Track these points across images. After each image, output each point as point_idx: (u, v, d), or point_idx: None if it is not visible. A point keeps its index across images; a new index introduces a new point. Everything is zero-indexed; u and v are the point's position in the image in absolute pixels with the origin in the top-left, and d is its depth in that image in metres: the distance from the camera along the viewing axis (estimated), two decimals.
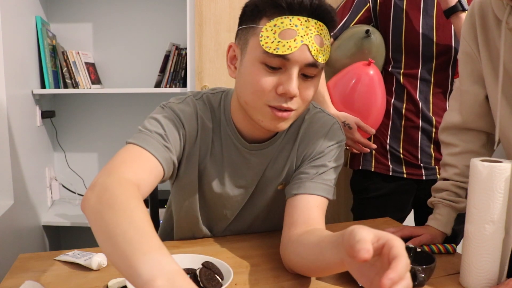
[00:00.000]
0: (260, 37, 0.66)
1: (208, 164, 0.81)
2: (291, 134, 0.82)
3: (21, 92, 1.50)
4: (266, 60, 0.67)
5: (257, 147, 0.80)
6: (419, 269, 0.67)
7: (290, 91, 0.66)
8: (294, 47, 0.65)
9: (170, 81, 1.73)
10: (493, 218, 0.67)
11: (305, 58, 0.66)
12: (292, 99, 0.68)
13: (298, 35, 0.65)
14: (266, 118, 0.71)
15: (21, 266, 0.77)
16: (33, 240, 1.57)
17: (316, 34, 0.66)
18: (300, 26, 0.65)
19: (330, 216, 1.60)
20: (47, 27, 1.74)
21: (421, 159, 1.20)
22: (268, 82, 0.67)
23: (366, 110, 1.15)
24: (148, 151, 0.68)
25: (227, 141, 0.80)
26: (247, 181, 0.83)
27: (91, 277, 0.73)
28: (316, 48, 0.67)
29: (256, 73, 0.68)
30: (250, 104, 0.71)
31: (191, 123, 0.77)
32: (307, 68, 0.67)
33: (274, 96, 0.68)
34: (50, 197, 1.80)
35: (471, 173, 0.69)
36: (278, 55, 0.65)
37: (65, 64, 1.69)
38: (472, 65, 0.84)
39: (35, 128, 1.65)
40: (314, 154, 0.80)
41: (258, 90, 0.68)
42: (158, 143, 0.70)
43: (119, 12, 1.82)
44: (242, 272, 0.75)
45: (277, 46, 0.65)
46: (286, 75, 0.67)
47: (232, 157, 0.81)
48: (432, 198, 0.92)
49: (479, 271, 0.68)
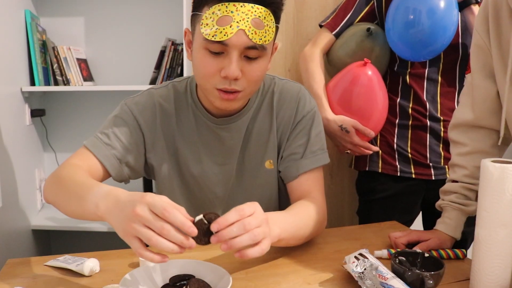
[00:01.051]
0: (201, 24, 0.72)
1: (180, 146, 0.87)
2: (266, 109, 0.88)
3: (9, 89, 1.47)
4: (207, 46, 0.72)
5: (225, 121, 0.86)
6: (427, 275, 0.65)
7: (230, 74, 0.72)
8: (231, 33, 0.70)
9: (166, 78, 1.70)
10: (505, 221, 0.65)
11: (243, 42, 0.71)
12: (236, 81, 0.74)
13: (234, 21, 0.69)
14: (216, 100, 0.78)
15: (10, 272, 0.76)
16: (22, 244, 1.55)
17: (253, 18, 0.70)
18: (236, 12, 0.69)
19: (335, 219, 1.59)
20: (36, 21, 1.70)
21: (430, 158, 1.18)
22: (212, 67, 0.73)
23: (366, 112, 1.14)
24: (89, 151, 0.82)
25: (198, 121, 0.87)
26: (225, 158, 0.88)
27: (83, 284, 0.71)
28: (254, 31, 0.71)
29: (201, 58, 0.74)
30: (202, 86, 0.79)
31: (146, 112, 0.85)
32: (248, 50, 0.72)
33: (219, 79, 0.74)
34: (40, 199, 1.77)
35: (482, 174, 0.67)
36: (216, 41, 0.71)
37: (55, 60, 1.66)
38: (484, 59, 0.82)
39: (24, 128, 1.62)
40: (293, 123, 0.88)
41: (205, 74, 0.75)
42: (100, 142, 0.82)
43: (112, 5, 1.79)
44: (241, 278, 0.73)
45: (215, 33, 0.70)
46: (227, 59, 0.72)
47: (205, 135, 0.87)
48: (440, 201, 0.90)
49: (490, 277, 0.66)
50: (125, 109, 0.86)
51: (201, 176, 0.89)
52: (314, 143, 0.88)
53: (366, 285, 0.66)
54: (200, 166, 0.88)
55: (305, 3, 1.47)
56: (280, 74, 1.50)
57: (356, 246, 0.88)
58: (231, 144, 0.87)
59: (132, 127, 0.84)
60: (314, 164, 0.88)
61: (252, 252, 0.60)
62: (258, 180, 0.90)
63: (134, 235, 0.56)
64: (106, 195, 0.62)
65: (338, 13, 1.21)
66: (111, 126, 0.84)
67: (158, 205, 0.55)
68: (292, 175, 0.88)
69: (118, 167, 0.84)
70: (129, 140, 0.84)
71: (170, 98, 0.87)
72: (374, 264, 0.67)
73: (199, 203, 0.91)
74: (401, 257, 0.73)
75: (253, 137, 0.88)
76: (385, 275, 0.65)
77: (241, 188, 0.90)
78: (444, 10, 1.04)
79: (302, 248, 0.86)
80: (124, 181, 0.88)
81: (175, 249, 0.55)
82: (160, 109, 0.86)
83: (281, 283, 0.72)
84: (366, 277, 0.67)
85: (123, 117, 0.85)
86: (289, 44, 1.49)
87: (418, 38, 1.06)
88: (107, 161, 0.82)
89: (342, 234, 0.96)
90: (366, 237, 0.94)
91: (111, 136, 0.83)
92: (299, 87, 0.91)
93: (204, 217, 0.60)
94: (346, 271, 0.73)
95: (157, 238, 0.55)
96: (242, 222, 0.59)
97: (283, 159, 0.89)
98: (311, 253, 0.84)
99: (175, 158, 0.88)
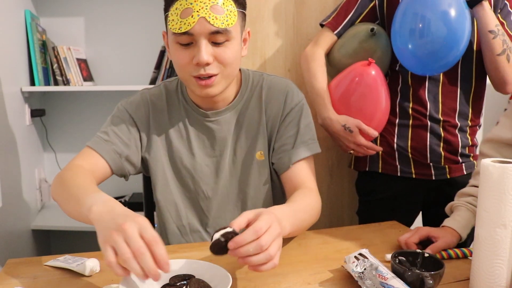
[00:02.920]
0: (168, 21, 0.79)
1: (173, 140, 0.92)
2: (255, 103, 0.93)
3: (9, 89, 1.47)
4: (177, 39, 0.79)
5: (214, 114, 0.91)
6: (427, 275, 0.65)
7: (200, 60, 0.77)
8: (193, 22, 0.76)
9: (166, 78, 1.71)
10: (504, 221, 0.65)
11: (206, 28, 0.76)
12: (209, 66, 0.79)
13: (194, 11, 0.75)
14: (196, 88, 0.83)
15: (10, 272, 0.76)
16: (22, 244, 1.55)
17: (212, 5, 0.76)
18: (195, 2, 0.75)
19: (335, 219, 1.59)
20: (36, 21, 1.70)
21: (430, 158, 1.18)
22: (184, 58, 0.80)
23: (369, 112, 1.13)
24: (91, 148, 0.88)
25: (189, 116, 0.92)
26: (216, 150, 0.93)
27: (83, 283, 0.71)
28: (214, 17, 0.76)
29: (174, 52, 0.81)
30: (182, 79, 0.85)
31: (139, 110, 0.92)
32: (213, 36, 0.78)
33: (193, 67, 0.80)
34: (39, 199, 1.77)
35: (482, 174, 0.67)
36: (182, 33, 0.77)
37: (55, 60, 1.67)
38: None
39: (24, 127, 1.62)
40: (282, 115, 0.93)
41: (180, 65, 0.81)
42: (100, 140, 0.89)
43: (112, 5, 1.79)
44: (241, 278, 0.73)
45: (180, 26, 0.76)
46: (196, 47, 0.78)
47: (196, 129, 0.93)
48: (454, 202, 0.89)
49: (490, 277, 0.66)
50: (121, 109, 0.92)
51: (194, 168, 0.93)
52: (304, 133, 0.92)
53: (366, 285, 0.66)
54: (192, 158, 0.93)
55: (305, 3, 1.47)
56: (280, 74, 1.49)
57: (356, 246, 0.88)
58: (222, 136, 0.92)
59: (129, 123, 0.91)
60: (306, 153, 0.91)
61: (265, 268, 0.62)
62: (251, 171, 0.93)
63: (111, 244, 0.57)
64: (103, 202, 0.65)
65: (340, 12, 1.21)
66: (109, 125, 0.91)
67: (149, 231, 0.57)
68: (285, 165, 0.91)
69: (118, 161, 0.89)
70: (127, 136, 0.90)
71: (162, 96, 0.94)
72: (374, 264, 0.67)
73: (193, 196, 0.95)
74: (401, 257, 0.73)
75: (244, 129, 0.93)
76: (385, 275, 0.65)
77: (234, 179, 0.94)
78: (456, 17, 0.99)
79: (302, 248, 0.86)
80: (124, 176, 0.93)
81: (140, 274, 0.56)
82: (153, 107, 0.93)
83: (281, 283, 0.72)
84: (366, 277, 0.67)
85: (120, 116, 0.91)
86: (289, 45, 1.48)
87: (427, 50, 1.01)
88: (107, 155, 0.87)
89: (342, 234, 0.96)
90: (366, 237, 0.94)
91: (110, 134, 0.89)
92: (286, 81, 0.96)
93: (222, 235, 0.62)
94: (346, 271, 0.73)
95: (130, 257, 0.55)
96: (258, 243, 0.60)
97: (275, 150, 0.93)
98: (311, 253, 0.84)
99: (169, 152, 0.93)
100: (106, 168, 0.88)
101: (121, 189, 1.83)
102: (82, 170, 0.81)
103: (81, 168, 0.82)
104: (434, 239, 0.83)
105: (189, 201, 0.95)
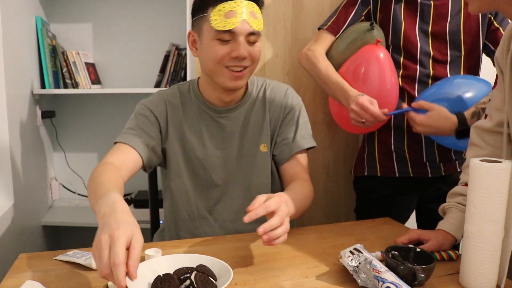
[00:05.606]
0: (210, 21, 0.89)
1: (186, 133, 1.01)
2: (260, 103, 1.04)
3: (21, 92, 1.50)
4: (219, 36, 0.90)
5: (226, 111, 1.02)
6: (418, 269, 0.67)
7: (241, 53, 0.90)
8: (237, 22, 0.88)
9: (170, 81, 1.73)
10: (493, 218, 0.67)
11: (247, 29, 0.90)
12: (244, 59, 0.92)
13: (237, 13, 0.88)
14: (226, 79, 0.94)
15: (21, 266, 0.78)
16: (33, 240, 1.57)
17: (250, 11, 0.90)
18: (237, 7, 0.88)
19: (331, 216, 1.60)
20: (47, 27, 1.74)
21: (426, 157, 1.20)
22: (223, 52, 0.91)
23: (378, 91, 1.13)
24: (122, 142, 0.94)
25: (201, 112, 1.02)
26: (225, 143, 1.02)
27: (91, 277, 0.73)
28: (252, 21, 0.90)
29: (213, 47, 0.91)
30: (213, 70, 0.94)
31: (159, 106, 1.01)
32: (249, 36, 0.91)
33: (229, 59, 0.91)
34: (50, 197, 1.80)
35: (471, 172, 0.69)
36: (227, 31, 0.89)
37: (65, 64, 1.69)
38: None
39: (35, 128, 1.65)
40: (283, 114, 1.04)
41: (217, 58, 0.91)
42: (129, 134, 0.96)
43: (119, 12, 1.82)
44: (242, 272, 0.75)
45: (224, 24, 0.88)
46: (236, 44, 0.90)
47: (208, 124, 1.02)
48: (445, 204, 0.88)
49: (478, 271, 0.68)
50: (142, 107, 1.01)
51: (205, 159, 1.02)
52: (302, 129, 1.05)
53: (360, 278, 0.68)
54: (204, 150, 1.02)
55: (303, 9, 1.49)
56: (279, 78, 1.51)
57: (351, 241, 0.90)
58: (231, 131, 1.02)
59: (151, 118, 1.00)
60: (304, 145, 1.03)
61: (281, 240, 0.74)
62: (255, 162, 1.03)
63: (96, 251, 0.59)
64: (108, 204, 0.66)
65: (339, 16, 1.22)
66: (134, 122, 0.99)
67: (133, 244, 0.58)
68: (286, 156, 1.03)
69: (147, 152, 0.97)
70: (151, 128, 0.99)
71: (176, 95, 1.03)
72: (368, 259, 0.69)
73: (202, 183, 1.03)
74: (394, 252, 0.75)
75: (250, 125, 1.03)
76: (379, 268, 0.67)
77: (240, 169, 1.03)
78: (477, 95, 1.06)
79: (299, 243, 0.89)
80: (150, 168, 1.01)
81: (101, 276, 0.57)
82: (169, 104, 1.02)
83: (280, 276, 0.74)
84: (360, 271, 0.69)
85: (142, 113, 1.00)
86: (287, 49, 1.50)
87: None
88: (138, 147, 0.95)
89: (338, 230, 0.98)
90: (361, 233, 0.96)
91: (136, 128, 0.97)
92: (286, 86, 1.09)
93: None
94: (342, 265, 0.75)
95: (105, 262, 0.56)
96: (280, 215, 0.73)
97: (277, 144, 1.04)
98: (309, 248, 0.86)
99: (182, 144, 1.02)
100: (138, 159, 0.94)
101: (127, 187, 1.83)
102: (111, 167, 0.85)
103: (110, 165, 0.87)
104: (425, 242, 0.83)
105: (199, 188, 1.03)
